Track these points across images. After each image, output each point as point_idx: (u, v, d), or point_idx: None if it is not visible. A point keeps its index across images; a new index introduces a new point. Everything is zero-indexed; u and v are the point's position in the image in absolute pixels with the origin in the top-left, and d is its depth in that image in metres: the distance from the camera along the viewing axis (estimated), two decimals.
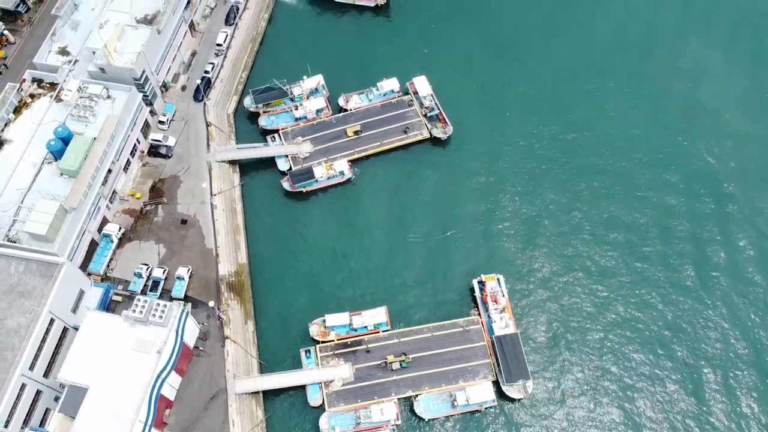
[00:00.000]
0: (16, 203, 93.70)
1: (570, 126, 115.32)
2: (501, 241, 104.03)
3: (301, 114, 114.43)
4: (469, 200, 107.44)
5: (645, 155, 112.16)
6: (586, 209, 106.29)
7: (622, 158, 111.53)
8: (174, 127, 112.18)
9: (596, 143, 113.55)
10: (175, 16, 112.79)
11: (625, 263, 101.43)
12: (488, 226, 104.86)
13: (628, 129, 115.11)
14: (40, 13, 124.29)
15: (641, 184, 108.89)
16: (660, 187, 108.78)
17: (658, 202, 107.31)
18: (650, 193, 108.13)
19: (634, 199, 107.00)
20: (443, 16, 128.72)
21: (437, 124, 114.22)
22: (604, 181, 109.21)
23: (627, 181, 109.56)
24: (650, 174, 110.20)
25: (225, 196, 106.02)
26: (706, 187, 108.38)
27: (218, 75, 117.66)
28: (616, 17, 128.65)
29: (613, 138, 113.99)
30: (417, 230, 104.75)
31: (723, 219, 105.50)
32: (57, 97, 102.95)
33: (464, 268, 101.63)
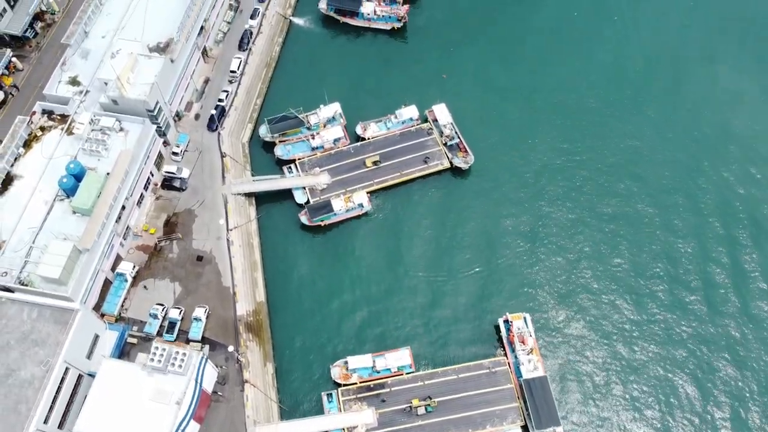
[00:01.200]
0: (28, 243, 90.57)
1: (598, 158, 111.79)
2: (527, 278, 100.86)
3: (318, 143, 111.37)
4: (493, 234, 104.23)
5: (681, 190, 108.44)
6: (619, 246, 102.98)
7: (654, 193, 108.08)
8: (188, 158, 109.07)
9: (626, 177, 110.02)
10: (188, 44, 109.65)
11: (661, 305, 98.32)
12: (513, 262, 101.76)
13: (658, 160, 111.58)
14: (48, 38, 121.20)
15: (680, 221, 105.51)
16: (700, 224, 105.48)
17: (696, 239, 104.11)
18: (690, 230, 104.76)
19: (671, 238, 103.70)
20: (461, 40, 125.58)
21: (458, 153, 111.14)
22: (633, 217, 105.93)
23: (662, 218, 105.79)
24: (688, 209, 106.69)
25: (241, 230, 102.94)
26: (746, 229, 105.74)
27: (232, 103, 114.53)
28: (643, 43, 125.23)
29: (643, 171, 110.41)
30: (440, 266, 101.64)
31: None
32: (68, 130, 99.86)
33: (489, 305, 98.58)
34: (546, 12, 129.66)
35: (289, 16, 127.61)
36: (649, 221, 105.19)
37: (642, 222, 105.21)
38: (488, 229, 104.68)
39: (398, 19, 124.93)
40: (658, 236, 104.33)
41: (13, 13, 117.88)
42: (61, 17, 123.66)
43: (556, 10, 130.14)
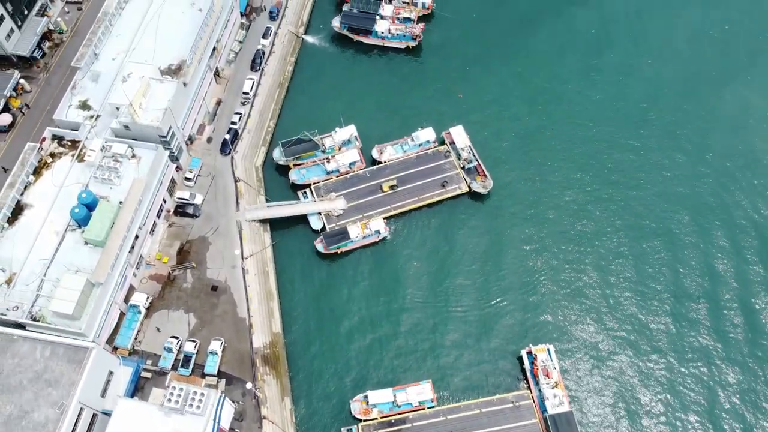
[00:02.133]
0: (39, 275, 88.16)
1: (616, 182, 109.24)
2: (550, 308, 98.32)
3: (333, 167, 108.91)
4: (514, 263, 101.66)
5: (702, 215, 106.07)
6: (643, 276, 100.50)
7: (683, 223, 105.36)
8: (201, 183, 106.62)
9: (647, 201, 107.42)
10: (201, 66, 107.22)
11: (685, 335, 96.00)
12: (536, 292, 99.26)
13: (686, 188, 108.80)
14: (56, 58, 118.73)
15: (703, 248, 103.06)
16: (725, 251, 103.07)
17: (722, 268, 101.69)
18: (718, 259, 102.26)
19: (695, 264, 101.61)
20: (478, 58, 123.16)
21: (476, 177, 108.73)
22: (657, 245, 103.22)
23: (684, 244, 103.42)
24: (714, 234, 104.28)
25: (256, 258, 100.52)
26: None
27: (245, 126, 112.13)
28: (660, 61, 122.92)
29: (663, 196, 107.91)
30: (460, 296, 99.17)
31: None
32: (79, 157, 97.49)
33: (511, 336, 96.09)
34: (563, 29, 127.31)
35: (302, 34, 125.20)
36: (674, 254, 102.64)
37: (669, 254, 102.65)
38: (509, 258, 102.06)
39: (413, 38, 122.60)
40: (687, 270, 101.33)
41: (20, 34, 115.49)
42: (70, 37, 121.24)
43: (573, 26, 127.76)
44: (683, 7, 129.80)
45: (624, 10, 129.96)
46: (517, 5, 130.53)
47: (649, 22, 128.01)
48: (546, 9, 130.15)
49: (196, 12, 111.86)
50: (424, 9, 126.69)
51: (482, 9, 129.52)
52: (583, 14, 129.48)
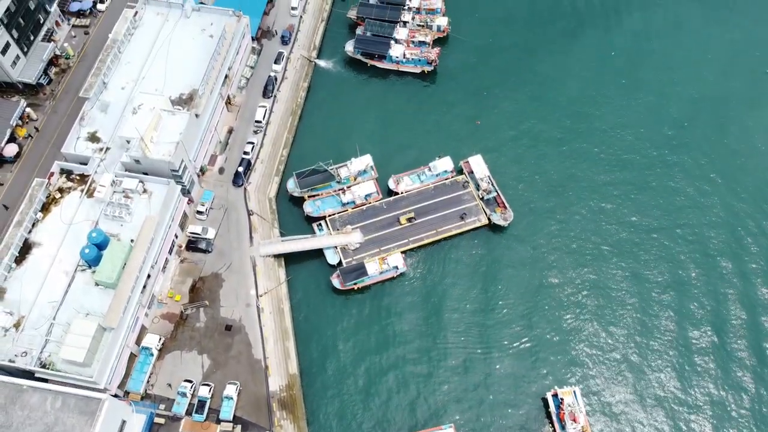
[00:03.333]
0: (48, 319, 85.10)
1: (640, 218, 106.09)
2: (575, 348, 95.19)
3: (349, 199, 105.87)
4: (536, 301, 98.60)
5: (740, 253, 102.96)
6: (673, 317, 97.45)
7: (708, 256, 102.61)
8: (213, 216, 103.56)
9: (676, 237, 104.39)
10: (212, 96, 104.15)
11: (723, 382, 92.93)
12: (560, 331, 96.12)
13: (710, 219, 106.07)
14: (63, 85, 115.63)
15: (737, 292, 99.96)
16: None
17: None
18: (756, 306, 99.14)
19: (729, 310, 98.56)
20: (495, 83, 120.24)
21: (496, 208, 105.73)
22: (686, 283, 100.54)
23: (719, 288, 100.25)
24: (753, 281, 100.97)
25: (271, 295, 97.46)
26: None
27: (258, 156, 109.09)
28: (683, 85, 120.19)
29: (694, 231, 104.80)
30: (481, 334, 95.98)
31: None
32: (89, 192, 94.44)
33: (536, 377, 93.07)
34: (582, 52, 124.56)
35: (314, 59, 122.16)
36: (702, 287, 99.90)
37: (700, 289, 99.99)
38: (532, 295, 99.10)
39: (429, 63, 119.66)
40: (720, 316, 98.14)
41: (26, 60, 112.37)
42: (77, 62, 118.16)
43: (593, 50, 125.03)
44: (703, 27, 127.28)
45: (644, 31, 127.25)
46: (533, 28, 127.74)
47: (670, 42, 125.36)
48: (563, 31, 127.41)
49: (206, 38, 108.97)
50: (439, 32, 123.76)
51: (498, 32, 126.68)
52: (601, 36, 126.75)
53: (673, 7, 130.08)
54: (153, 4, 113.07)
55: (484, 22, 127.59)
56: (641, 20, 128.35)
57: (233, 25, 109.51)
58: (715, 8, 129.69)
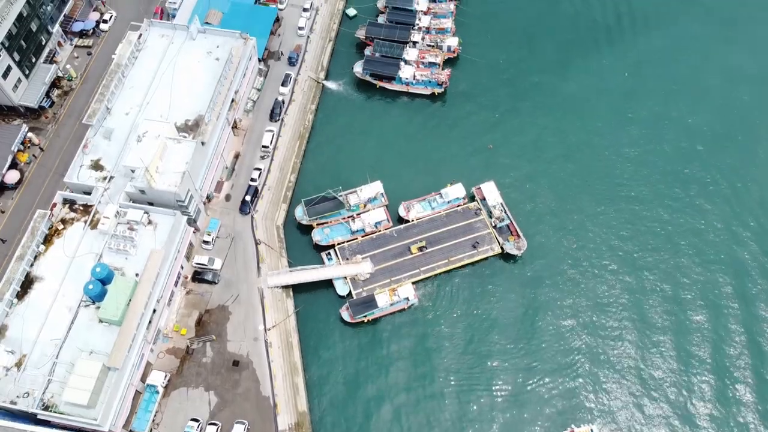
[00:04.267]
0: (51, 358, 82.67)
1: (657, 248, 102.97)
2: (590, 387, 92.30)
3: (358, 227, 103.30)
4: (551, 337, 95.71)
5: (749, 286, 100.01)
6: (686, 353, 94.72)
7: (720, 285, 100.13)
8: (219, 246, 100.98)
9: (691, 270, 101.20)
10: (219, 122, 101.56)
11: (733, 416, 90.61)
12: (575, 369, 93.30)
13: (731, 256, 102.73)
14: (66, 108, 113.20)
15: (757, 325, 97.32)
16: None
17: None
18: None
19: (741, 340, 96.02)
20: (507, 105, 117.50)
21: (509, 237, 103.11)
22: (702, 319, 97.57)
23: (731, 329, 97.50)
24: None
25: (279, 329, 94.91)
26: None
27: (265, 182, 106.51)
28: (696, 108, 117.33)
29: (708, 263, 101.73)
30: (495, 375, 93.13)
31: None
32: (92, 224, 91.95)
33: (551, 416, 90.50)
34: (594, 72, 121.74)
35: (322, 80, 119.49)
36: (720, 329, 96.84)
37: (714, 329, 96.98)
38: (546, 331, 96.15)
39: (439, 84, 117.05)
40: (732, 346, 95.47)
41: (28, 83, 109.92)
42: (80, 84, 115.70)
43: (605, 69, 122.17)
44: (718, 45, 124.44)
45: (657, 49, 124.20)
46: (544, 48, 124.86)
47: (686, 63, 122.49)
48: (575, 50, 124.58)
49: (213, 61, 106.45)
50: (449, 52, 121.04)
51: (509, 52, 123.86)
52: (614, 56, 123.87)
53: (690, 28, 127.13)
54: (157, 26, 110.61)
55: (494, 42, 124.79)
56: (658, 39, 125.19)
57: (240, 48, 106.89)
58: (733, 27, 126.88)
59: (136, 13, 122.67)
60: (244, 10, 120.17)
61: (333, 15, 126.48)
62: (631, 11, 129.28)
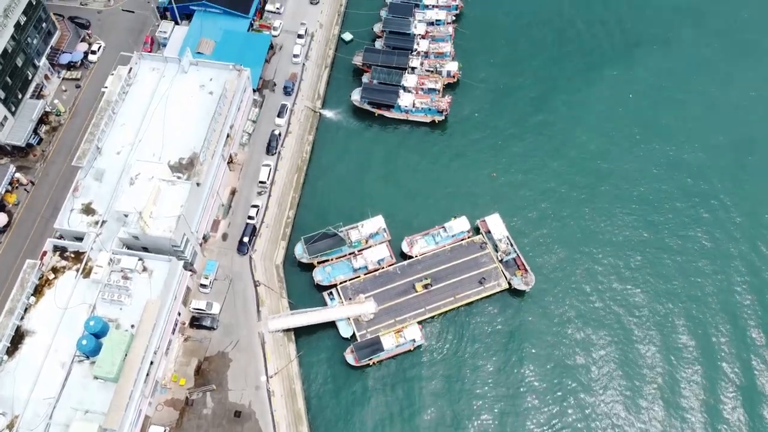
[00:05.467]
0: (44, 419, 78.97)
1: (674, 289, 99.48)
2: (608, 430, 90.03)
3: (361, 264, 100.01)
4: (563, 379, 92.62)
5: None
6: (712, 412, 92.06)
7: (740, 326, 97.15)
8: (217, 288, 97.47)
9: (711, 311, 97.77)
10: (214, 160, 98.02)
11: None
12: (587, 415, 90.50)
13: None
14: (54, 144, 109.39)
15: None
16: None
17: None
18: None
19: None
20: (510, 131, 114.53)
21: (516, 271, 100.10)
22: (715, 368, 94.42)
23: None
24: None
25: (282, 375, 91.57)
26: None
27: (263, 219, 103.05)
28: (702, 131, 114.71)
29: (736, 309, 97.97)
30: (505, 420, 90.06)
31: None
32: (85, 272, 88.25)
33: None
34: (598, 94, 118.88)
35: (319, 109, 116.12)
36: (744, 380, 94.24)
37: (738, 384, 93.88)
38: (555, 371, 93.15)
39: (439, 112, 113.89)
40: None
41: (15, 120, 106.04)
42: (68, 118, 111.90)
43: (608, 91, 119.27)
44: (723, 62, 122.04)
45: (660, 69, 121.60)
46: (547, 70, 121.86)
47: (691, 82, 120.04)
48: (578, 73, 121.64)
49: (206, 95, 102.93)
50: (449, 78, 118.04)
51: (510, 75, 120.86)
52: (617, 77, 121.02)
53: (694, 47, 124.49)
54: (148, 59, 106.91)
55: (495, 65, 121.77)
56: (660, 60, 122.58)
57: (234, 81, 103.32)
58: (738, 46, 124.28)
59: (126, 42, 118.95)
60: (237, 38, 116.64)
61: (329, 41, 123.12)
62: (637, 34, 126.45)
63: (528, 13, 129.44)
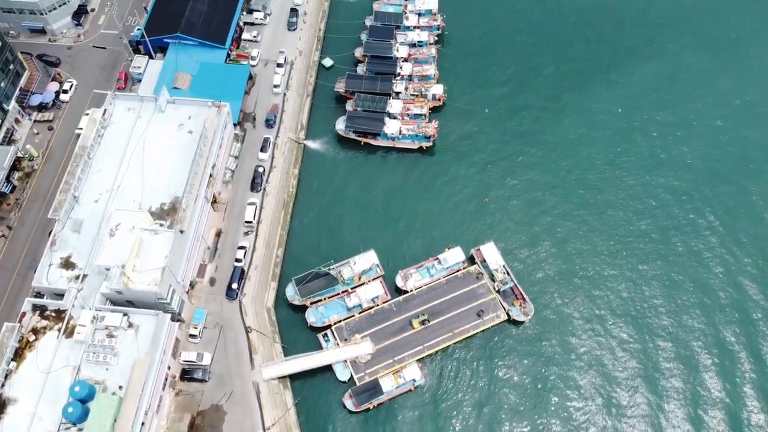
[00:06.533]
0: None
1: (672, 310, 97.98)
2: None
3: (355, 303, 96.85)
4: (569, 413, 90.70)
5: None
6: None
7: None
8: (207, 337, 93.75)
9: (714, 338, 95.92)
10: (197, 204, 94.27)
11: None
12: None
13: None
14: (29, 191, 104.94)
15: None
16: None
17: None
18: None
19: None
20: (499, 154, 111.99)
21: (514, 301, 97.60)
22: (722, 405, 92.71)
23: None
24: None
25: (280, 426, 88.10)
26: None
27: (251, 261, 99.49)
28: (694, 143, 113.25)
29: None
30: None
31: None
32: (67, 332, 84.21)
33: None
34: (587, 111, 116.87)
35: (303, 140, 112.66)
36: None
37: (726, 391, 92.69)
38: (559, 416, 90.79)
39: (427, 138, 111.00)
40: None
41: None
42: (42, 163, 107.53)
43: (597, 108, 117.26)
44: (715, 77, 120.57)
45: (647, 84, 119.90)
46: (533, 89, 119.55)
47: (679, 96, 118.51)
48: (566, 89, 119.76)
49: (185, 135, 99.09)
50: (435, 101, 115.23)
51: (497, 95, 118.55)
52: (605, 93, 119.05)
53: (683, 57, 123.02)
54: (122, 99, 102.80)
55: (481, 86, 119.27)
56: (645, 73, 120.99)
57: (214, 119, 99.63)
58: (724, 56, 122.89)
59: (99, 80, 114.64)
60: (214, 70, 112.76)
61: (309, 68, 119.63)
62: (620, 48, 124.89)
63: (511, 31, 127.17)
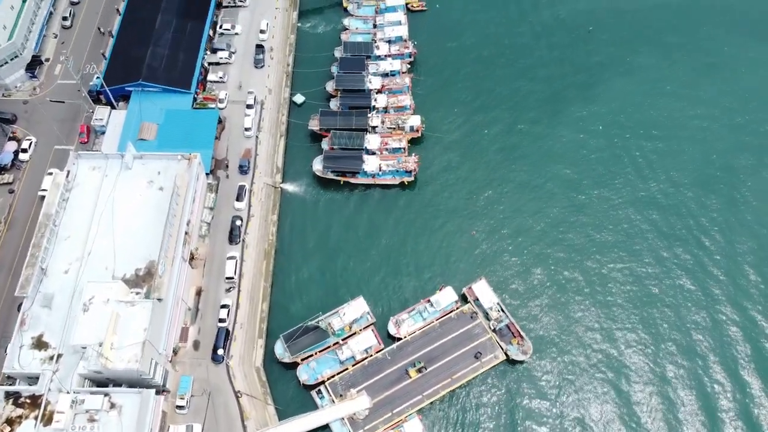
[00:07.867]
0: None
1: (678, 342, 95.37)
2: None
3: (347, 355, 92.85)
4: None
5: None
6: None
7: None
8: (195, 406, 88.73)
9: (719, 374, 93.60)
10: (174, 268, 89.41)
11: None
12: None
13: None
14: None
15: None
16: None
17: None
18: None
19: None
20: (482, 183, 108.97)
21: (512, 339, 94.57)
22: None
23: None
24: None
25: None
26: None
27: (236, 320, 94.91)
28: (679, 160, 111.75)
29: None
30: None
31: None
32: (45, 419, 78.95)
33: None
34: (568, 133, 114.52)
35: (280, 184, 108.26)
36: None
37: None
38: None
39: (408, 172, 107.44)
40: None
41: None
42: (5, 231, 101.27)
43: (579, 128, 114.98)
44: (697, 88, 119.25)
45: (631, 101, 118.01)
46: (512, 113, 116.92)
47: (659, 110, 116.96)
48: (543, 110, 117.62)
49: (156, 192, 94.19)
50: (413, 132, 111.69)
51: (475, 121, 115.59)
52: (585, 110, 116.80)
53: (661, 70, 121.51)
54: (86, 158, 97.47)
55: (458, 113, 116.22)
56: (619, 89, 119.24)
57: (184, 173, 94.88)
58: (703, 69, 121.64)
59: (59, 135, 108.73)
60: (181, 117, 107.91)
61: (280, 106, 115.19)
62: (593, 66, 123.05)
63: (486, 55, 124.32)
